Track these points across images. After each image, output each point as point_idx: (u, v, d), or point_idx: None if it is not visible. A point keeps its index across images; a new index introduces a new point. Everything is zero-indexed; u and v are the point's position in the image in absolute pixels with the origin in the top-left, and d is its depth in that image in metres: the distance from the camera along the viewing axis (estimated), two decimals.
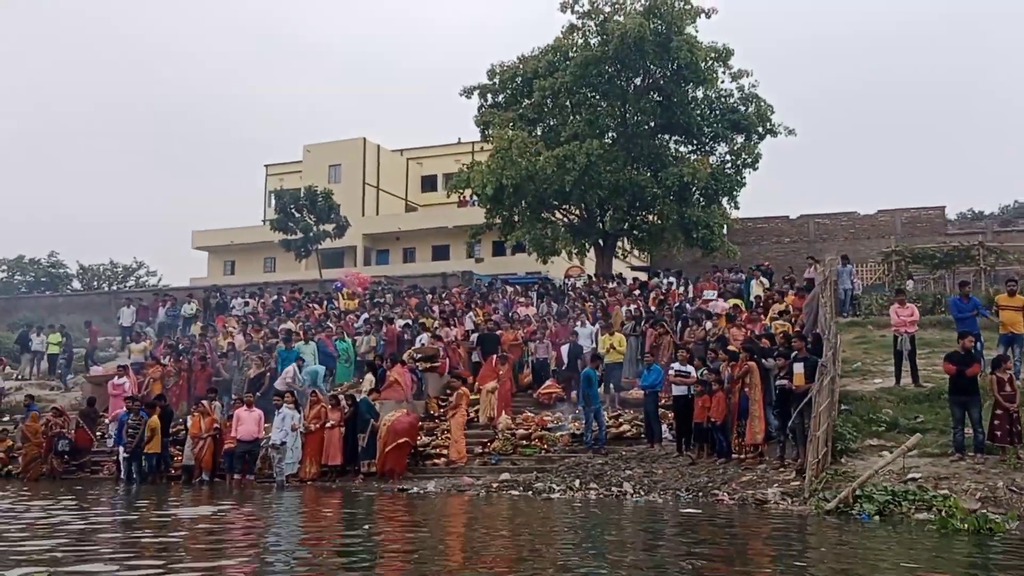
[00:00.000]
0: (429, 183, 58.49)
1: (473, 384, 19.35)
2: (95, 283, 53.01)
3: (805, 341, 14.57)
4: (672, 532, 9.49)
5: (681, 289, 24.46)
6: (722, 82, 34.82)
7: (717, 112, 35.28)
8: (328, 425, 16.47)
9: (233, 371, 20.33)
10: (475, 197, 51.87)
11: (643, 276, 37.62)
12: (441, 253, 51.61)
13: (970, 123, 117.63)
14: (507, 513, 11.55)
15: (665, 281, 26.64)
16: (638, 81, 35.29)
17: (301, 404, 17.40)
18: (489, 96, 37.27)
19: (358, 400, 16.92)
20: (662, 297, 22.78)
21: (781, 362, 13.55)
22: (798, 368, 13.08)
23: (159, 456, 17.21)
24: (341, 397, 17.22)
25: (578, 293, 25.18)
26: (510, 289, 27.38)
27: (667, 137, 36.55)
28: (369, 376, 18.25)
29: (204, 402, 17.42)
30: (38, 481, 17.65)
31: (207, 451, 16.74)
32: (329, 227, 45.82)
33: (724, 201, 35.34)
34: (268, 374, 19.42)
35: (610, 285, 26.34)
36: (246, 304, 27.67)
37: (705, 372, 14.95)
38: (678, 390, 15.30)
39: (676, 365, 15.53)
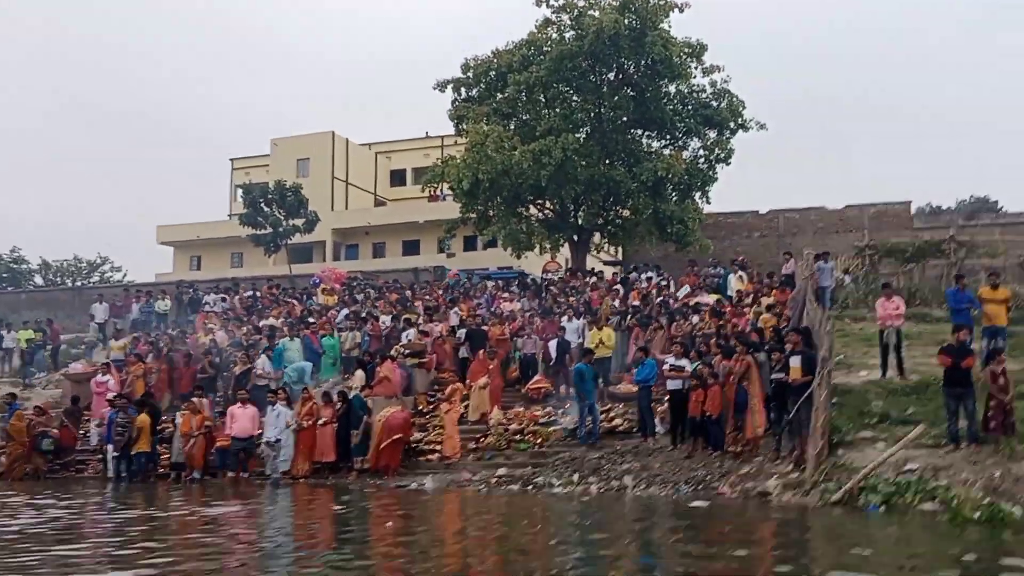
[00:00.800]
0: (398, 177, 58.27)
1: (463, 380, 19.39)
2: (59, 279, 52.03)
3: (802, 336, 14.83)
4: (689, 527, 9.60)
5: (664, 284, 24.58)
6: (695, 77, 35.09)
7: (690, 107, 35.43)
8: (320, 422, 16.40)
9: (218, 368, 20.11)
10: (446, 192, 52.09)
11: (614, 271, 38.15)
12: (411, 248, 51.44)
13: (927, 120, 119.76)
14: (516, 509, 11.59)
15: (644, 276, 26.83)
16: (611, 76, 35.41)
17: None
18: (463, 90, 37.15)
19: (350, 397, 16.85)
20: (645, 292, 22.91)
21: (777, 356, 13.75)
22: (795, 362, 13.27)
23: (148, 455, 17.02)
24: (333, 394, 17.15)
25: (560, 288, 25.24)
26: (491, 285, 27.35)
27: (640, 132, 36.72)
28: (360, 372, 18.20)
29: (194, 399, 17.27)
30: (22, 480, 17.35)
31: (199, 449, 16.59)
32: (298, 222, 45.50)
33: (696, 196, 35.69)
34: (253, 371, 19.25)
35: (590, 280, 26.44)
36: (223, 300, 27.36)
37: (699, 366, 15.11)
38: (673, 384, 15.45)
39: (671, 359, 15.69)
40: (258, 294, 29.57)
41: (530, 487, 14.14)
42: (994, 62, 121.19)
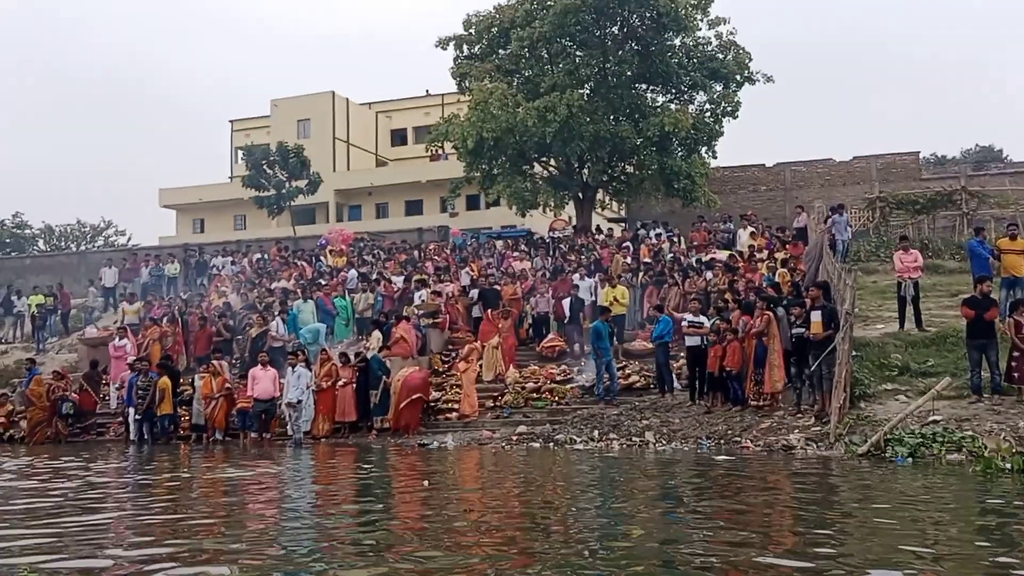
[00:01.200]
0: (399, 137, 57.88)
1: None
2: (62, 243, 51.90)
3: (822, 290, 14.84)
4: (726, 480, 9.62)
5: (675, 240, 24.53)
6: (700, 30, 34.69)
7: (695, 60, 35.06)
8: (340, 383, 16.45)
9: (232, 331, 20.12)
10: (445, 151, 51.76)
11: (618, 228, 38.08)
12: (414, 208, 51.25)
13: (930, 70, 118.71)
14: (541, 465, 11.64)
15: (652, 233, 26.77)
16: (615, 30, 34.99)
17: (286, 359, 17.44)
18: (465, 47, 36.80)
19: (368, 358, 16.89)
20: (656, 248, 22.87)
21: (797, 311, 13.73)
22: (816, 316, 13.25)
23: (170, 417, 17.13)
24: (351, 354, 17.19)
25: (569, 246, 25.19)
26: (499, 243, 27.29)
27: (644, 87, 36.37)
28: (376, 333, 18.20)
29: (214, 362, 17.32)
30: (43, 444, 17.44)
31: (220, 411, 16.68)
32: (301, 183, 45.29)
33: (703, 151, 35.49)
34: (268, 333, 19.27)
35: (599, 237, 26.38)
36: (232, 263, 27.32)
37: (718, 322, 15.12)
38: (691, 340, 15.47)
39: (689, 316, 15.68)
40: (266, 256, 29.55)
41: (551, 444, 14.20)
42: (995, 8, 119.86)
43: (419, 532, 6.63)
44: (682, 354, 16.50)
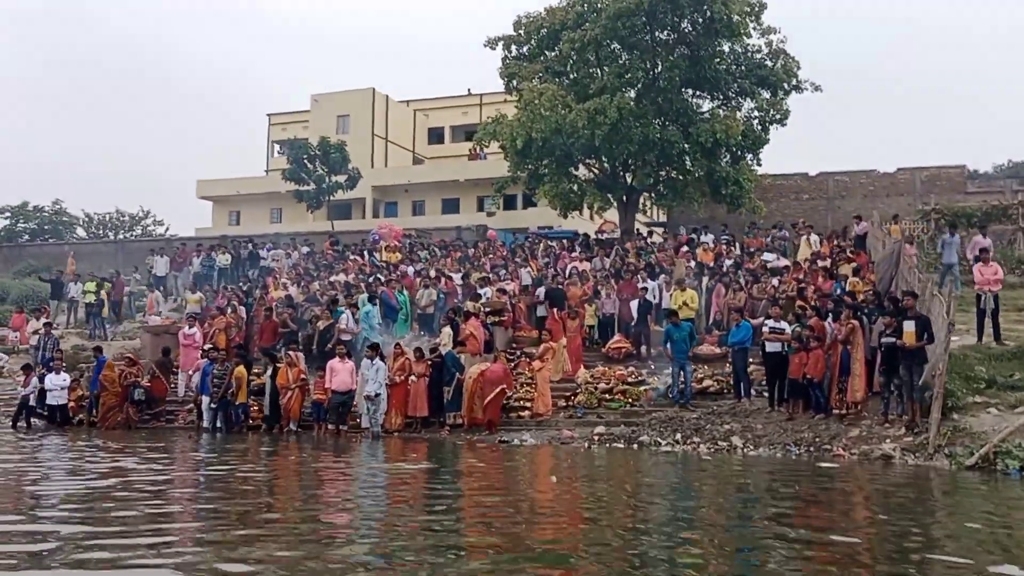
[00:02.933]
0: (436, 135, 58.00)
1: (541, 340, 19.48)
2: (100, 232, 52.22)
3: (897, 300, 14.81)
4: (849, 491, 9.59)
5: (733, 245, 24.52)
6: (751, 37, 34.62)
7: (743, 67, 35.04)
8: (413, 377, 16.52)
9: (298, 323, 20.22)
10: (483, 151, 51.81)
11: (657, 232, 38.14)
12: (451, 206, 51.32)
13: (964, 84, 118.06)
14: (644, 467, 11.64)
15: (708, 237, 26.76)
16: (663, 34, 34.97)
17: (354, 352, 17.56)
18: (513, 47, 36.86)
19: (443, 353, 16.96)
20: (717, 253, 22.90)
21: (888, 320, 13.68)
22: (909, 326, 13.19)
23: (243, 406, 17.25)
24: (425, 350, 17.26)
25: (631, 248, 25.21)
26: (553, 244, 27.36)
27: (691, 92, 36.32)
28: (447, 329, 18.23)
29: (291, 352, 17.41)
30: (115, 430, 17.56)
31: (295, 401, 16.77)
32: (341, 178, 45.46)
33: (749, 158, 35.47)
34: (336, 326, 19.37)
35: (655, 240, 26.38)
36: (288, 256, 27.46)
37: (799, 328, 15.09)
38: (772, 346, 15.43)
39: (770, 322, 15.64)
40: (307, 250, 29.64)
41: (635, 445, 14.21)
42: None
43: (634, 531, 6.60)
44: (750, 359, 16.50)
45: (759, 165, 36.52)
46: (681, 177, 35.44)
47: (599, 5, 34.43)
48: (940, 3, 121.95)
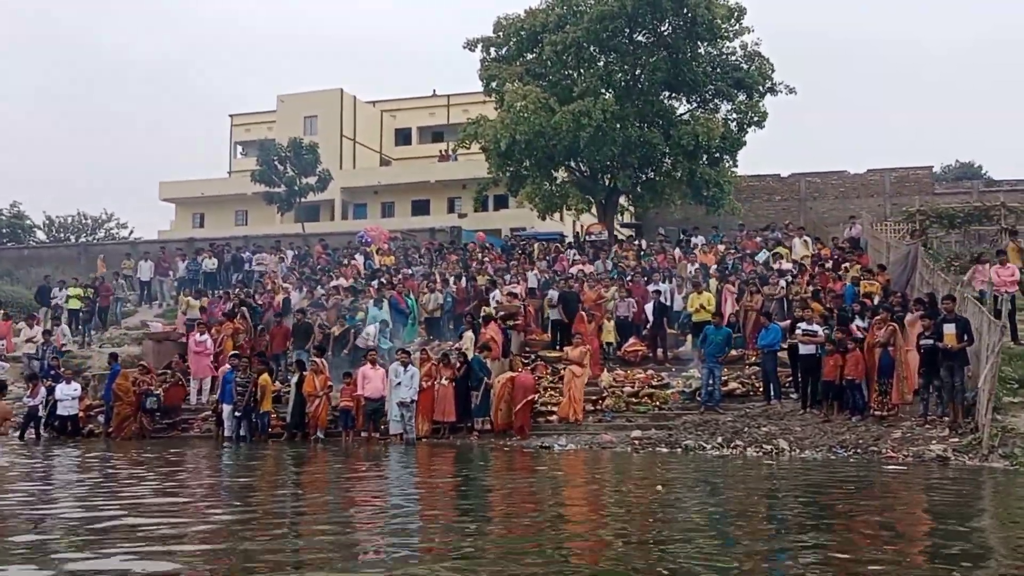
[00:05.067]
0: (403, 136, 57.58)
1: (555, 345, 19.47)
2: (62, 235, 50.70)
3: (923, 301, 15.10)
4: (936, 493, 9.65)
5: (732, 247, 24.75)
6: (731, 40, 35.00)
7: (719, 70, 35.41)
8: (444, 381, 16.34)
9: (309, 328, 19.83)
10: (454, 153, 51.58)
11: (625, 233, 38.47)
12: (421, 208, 51.00)
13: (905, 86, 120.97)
14: (705, 472, 11.62)
15: (701, 240, 26.96)
16: (641, 38, 35.17)
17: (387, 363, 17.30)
18: (492, 49, 36.76)
19: (469, 358, 16.80)
20: (722, 255, 23.09)
21: (927, 323, 13.89)
22: (949, 329, 13.42)
23: (267, 414, 16.89)
24: (452, 355, 17.08)
25: (629, 251, 25.29)
26: (547, 246, 27.34)
27: (668, 94, 36.59)
28: (469, 334, 18.07)
29: (316, 359, 17.07)
30: (130, 440, 17.05)
31: (323, 409, 16.46)
32: (311, 180, 44.85)
33: (727, 160, 35.89)
34: (352, 331, 19.11)
35: (652, 243, 26.53)
36: (281, 260, 26.96)
37: (833, 330, 15.26)
38: (805, 349, 15.57)
39: (803, 324, 15.76)
40: (293, 254, 29.14)
41: (679, 449, 14.21)
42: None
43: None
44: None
45: (735, 167, 37.07)
46: (660, 179, 35.76)
47: (580, 8, 34.49)
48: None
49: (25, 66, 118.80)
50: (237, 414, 16.69)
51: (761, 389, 16.77)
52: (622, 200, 39.46)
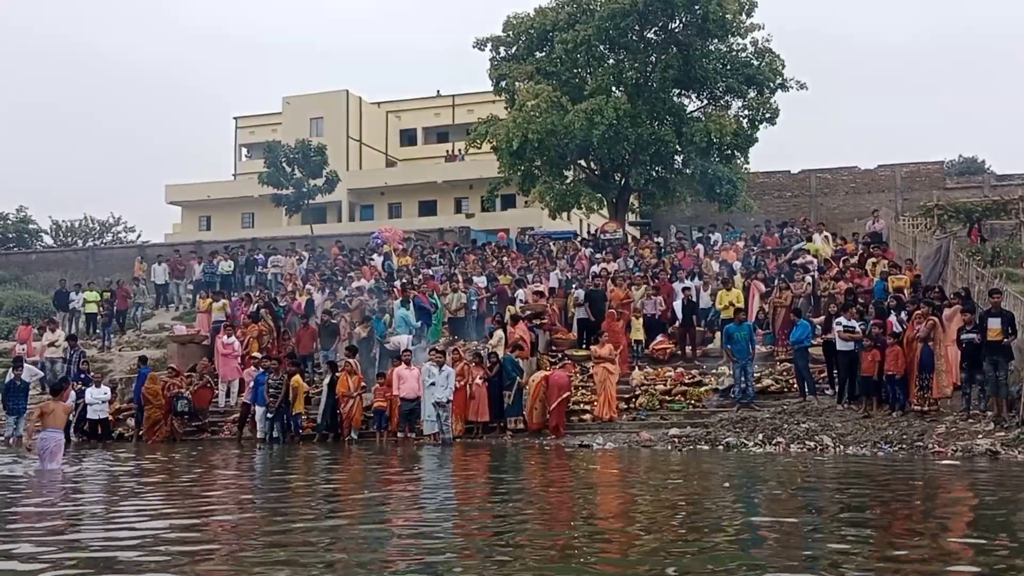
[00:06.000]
0: (408, 137, 57.47)
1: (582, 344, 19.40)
2: (69, 239, 50.53)
3: (962, 296, 15.03)
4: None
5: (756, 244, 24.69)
6: (744, 36, 34.90)
7: (730, 67, 35.31)
8: (479, 380, 16.26)
9: (334, 329, 19.75)
10: (462, 153, 51.52)
11: (634, 230, 38.42)
12: (428, 208, 50.93)
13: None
14: (765, 471, 11.50)
15: (718, 236, 26.88)
16: (652, 35, 35.10)
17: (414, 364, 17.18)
18: (502, 49, 36.68)
19: (502, 358, 16.71)
20: (746, 252, 23.06)
21: (968, 317, 13.82)
22: (994, 323, 13.34)
23: (299, 416, 16.82)
24: (484, 354, 16.99)
25: (648, 249, 25.19)
26: (568, 245, 27.27)
27: (680, 91, 36.50)
28: (499, 333, 17.98)
29: (349, 360, 16.96)
30: (162, 443, 16.94)
31: (357, 410, 16.36)
32: (318, 182, 44.71)
33: (739, 156, 35.86)
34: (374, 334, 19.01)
35: (669, 241, 26.47)
36: (300, 261, 26.87)
37: (869, 326, 15.17)
38: (843, 345, 15.47)
39: (843, 320, 15.66)
40: (307, 255, 29.03)
41: (720, 446, 14.12)
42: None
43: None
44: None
45: (747, 163, 37.05)
46: (672, 176, 35.73)
47: (590, 6, 34.42)
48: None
49: (25, 73, 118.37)
50: (270, 415, 16.60)
51: (795, 385, 16.68)
52: (631, 198, 39.44)
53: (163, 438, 17.23)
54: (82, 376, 18.52)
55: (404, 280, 21.92)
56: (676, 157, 35.41)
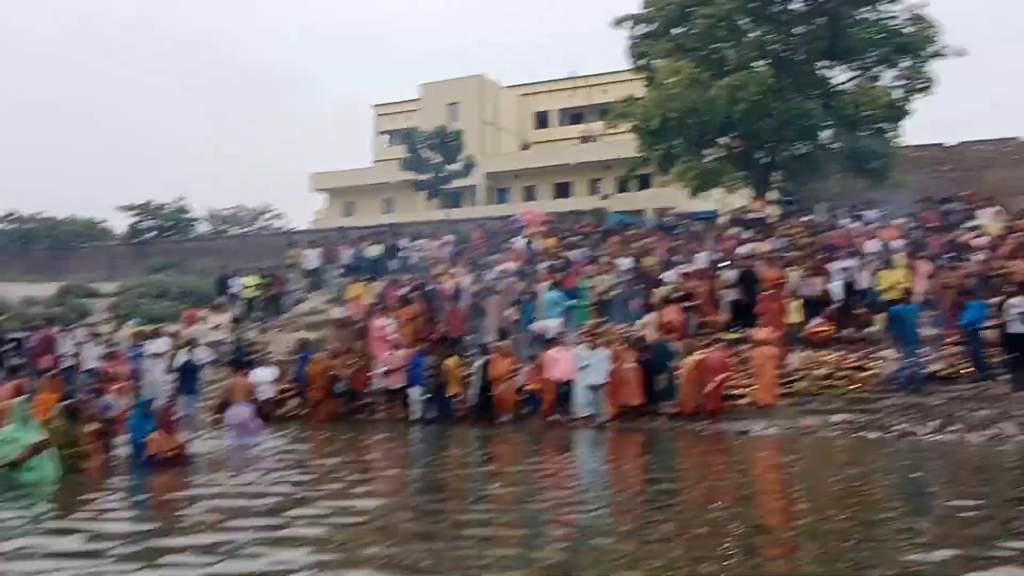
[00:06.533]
0: (541, 119, 57.56)
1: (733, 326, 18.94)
2: (225, 227, 53.17)
3: None
4: None
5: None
6: (894, 1, 33.25)
7: (881, 35, 33.65)
8: (632, 364, 16.11)
9: (483, 312, 19.98)
10: (595, 134, 51.21)
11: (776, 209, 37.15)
12: (562, 191, 50.98)
13: None
14: (954, 460, 10.97)
15: (874, 213, 25.80)
16: (797, 5, 33.81)
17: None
18: (641, 26, 36.13)
19: (652, 341, 16.52)
20: (909, 230, 22.04)
21: None
22: None
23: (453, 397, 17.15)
24: (634, 337, 16.84)
25: (797, 226, 24.43)
26: (713, 225, 26.74)
27: (827, 63, 35.09)
28: (651, 315, 17.79)
29: (502, 343, 17.15)
30: (324, 423, 17.59)
31: (509, 392, 16.54)
32: (456, 166, 45.40)
33: (891, 130, 34.28)
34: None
35: (822, 219, 25.58)
36: (446, 245, 27.32)
37: None
38: (1015, 328, 14.55)
39: (1018, 301, 14.74)
40: (453, 238, 29.44)
41: (889, 434, 13.54)
42: None
43: None
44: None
45: (899, 136, 35.33)
46: (818, 152, 34.46)
47: None
48: None
49: (175, 76, 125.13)
50: (427, 396, 16.97)
51: (966, 370, 15.81)
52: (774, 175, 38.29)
53: (326, 418, 17.84)
54: (247, 357, 19.32)
55: (552, 263, 21.91)
56: (822, 132, 34.16)
